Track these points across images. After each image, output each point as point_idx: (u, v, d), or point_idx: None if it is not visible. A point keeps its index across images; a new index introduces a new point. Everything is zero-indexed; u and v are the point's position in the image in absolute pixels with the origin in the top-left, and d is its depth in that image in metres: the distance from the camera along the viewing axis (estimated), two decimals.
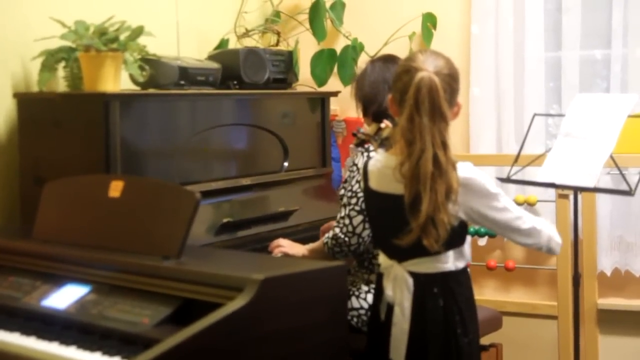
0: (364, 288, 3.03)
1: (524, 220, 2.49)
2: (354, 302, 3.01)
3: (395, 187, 2.41)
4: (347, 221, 2.97)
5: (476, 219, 2.46)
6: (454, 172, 2.36)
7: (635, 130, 3.17)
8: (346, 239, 2.96)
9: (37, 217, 2.75)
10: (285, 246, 3.15)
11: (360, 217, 2.94)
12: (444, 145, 2.35)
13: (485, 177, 2.45)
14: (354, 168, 3.01)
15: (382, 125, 2.63)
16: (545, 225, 2.53)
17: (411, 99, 2.35)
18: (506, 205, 2.46)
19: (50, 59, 3.12)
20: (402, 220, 2.37)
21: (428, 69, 2.37)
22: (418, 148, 2.34)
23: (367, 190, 2.59)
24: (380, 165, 2.52)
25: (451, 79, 2.42)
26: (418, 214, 2.34)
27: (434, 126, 2.34)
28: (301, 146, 3.84)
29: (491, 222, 2.47)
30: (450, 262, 2.48)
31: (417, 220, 2.34)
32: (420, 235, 2.36)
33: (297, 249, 3.15)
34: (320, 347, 2.35)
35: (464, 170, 2.40)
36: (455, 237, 2.45)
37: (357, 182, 2.96)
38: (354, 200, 2.96)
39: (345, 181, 3.06)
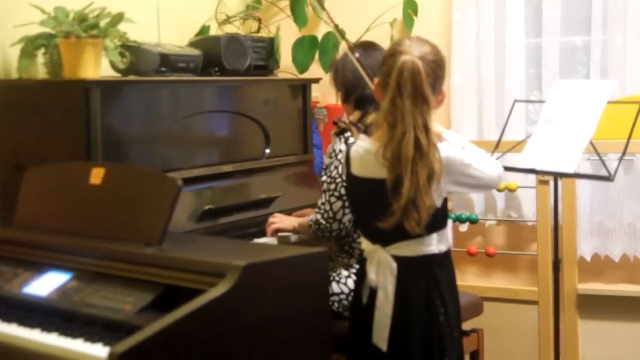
0: (344, 273, 3.05)
1: (493, 169, 2.54)
2: (335, 287, 3.02)
3: (377, 171, 2.42)
4: (327, 207, 2.99)
5: (460, 190, 2.57)
6: (436, 155, 2.37)
7: (615, 116, 3.19)
8: (327, 224, 2.99)
9: (18, 205, 2.74)
10: (277, 221, 3.23)
11: (339, 203, 2.96)
12: (426, 129, 2.36)
13: (458, 151, 2.47)
14: (333, 154, 3.02)
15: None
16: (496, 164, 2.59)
17: (393, 82, 2.37)
18: (482, 169, 2.50)
19: (30, 46, 3.11)
20: (385, 204, 2.39)
21: (413, 53, 2.38)
22: (399, 131, 2.35)
23: (349, 176, 2.59)
24: (362, 151, 2.53)
25: (436, 66, 2.43)
26: (400, 197, 2.35)
27: (415, 109, 2.35)
28: (283, 133, 3.84)
29: (472, 187, 2.60)
30: (434, 244, 2.50)
31: (398, 203, 2.36)
32: (401, 218, 2.37)
33: (289, 221, 3.23)
34: (303, 334, 2.35)
35: (442, 151, 2.41)
36: (439, 218, 2.47)
37: (336, 168, 2.97)
38: (332, 186, 2.98)
39: (326, 167, 3.07)
